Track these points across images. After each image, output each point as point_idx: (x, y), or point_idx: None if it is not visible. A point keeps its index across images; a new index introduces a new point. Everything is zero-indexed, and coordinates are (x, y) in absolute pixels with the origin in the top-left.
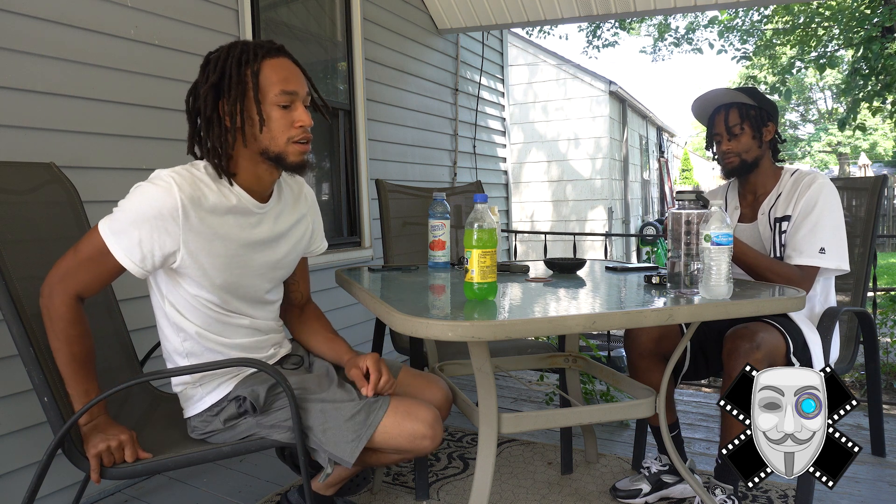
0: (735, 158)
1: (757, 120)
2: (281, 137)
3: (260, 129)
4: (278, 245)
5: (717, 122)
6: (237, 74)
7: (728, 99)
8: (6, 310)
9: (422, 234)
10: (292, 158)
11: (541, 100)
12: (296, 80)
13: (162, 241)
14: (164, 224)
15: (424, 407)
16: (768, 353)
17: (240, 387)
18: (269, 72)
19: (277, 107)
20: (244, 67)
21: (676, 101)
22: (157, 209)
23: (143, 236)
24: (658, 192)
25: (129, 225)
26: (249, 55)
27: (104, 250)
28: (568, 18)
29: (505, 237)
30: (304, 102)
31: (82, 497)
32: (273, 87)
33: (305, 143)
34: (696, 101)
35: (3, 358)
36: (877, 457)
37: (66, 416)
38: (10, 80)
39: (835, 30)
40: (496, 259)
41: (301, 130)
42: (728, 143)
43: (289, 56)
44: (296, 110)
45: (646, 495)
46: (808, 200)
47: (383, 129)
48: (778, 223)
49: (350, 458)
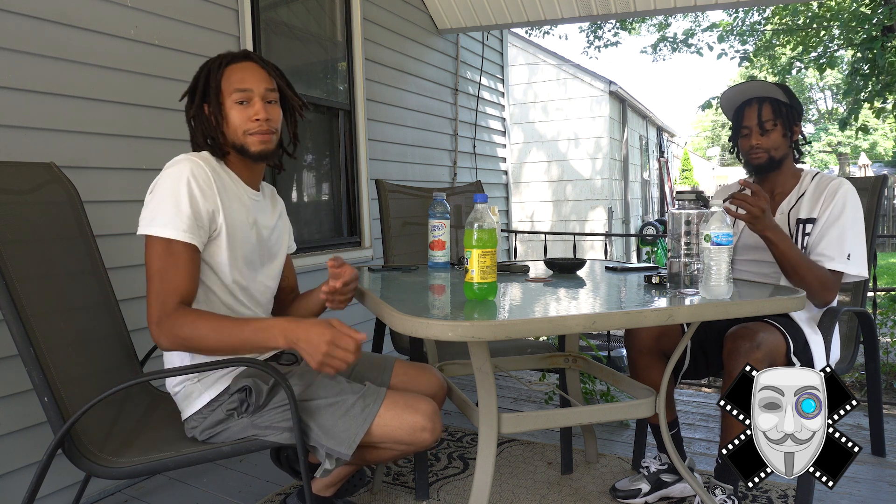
0: (763, 154)
1: (789, 118)
2: (239, 130)
3: (226, 127)
4: (272, 233)
5: (747, 115)
6: (205, 81)
7: (763, 92)
8: (6, 310)
9: (422, 234)
10: (252, 148)
11: (541, 100)
12: (252, 79)
13: (204, 199)
14: (199, 185)
15: (424, 400)
16: (768, 353)
17: (240, 380)
18: (230, 74)
19: (236, 104)
20: (212, 74)
21: (676, 102)
22: (187, 177)
23: (183, 204)
24: (658, 192)
25: (165, 205)
26: (215, 64)
27: (164, 244)
28: (568, 18)
29: (505, 237)
30: (266, 98)
31: (82, 497)
32: (230, 87)
33: (265, 134)
34: (729, 91)
35: (3, 358)
36: (877, 457)
37: (66, 416)
38: (10, 80)
39: (835, 30)
40: (496, 259)
41: (256, 123)
42: (759, 137)
43: (255, 60)
44: (252, 106)
45: (645, 495)
46: (836, 206)
47: (383, 129)
48: (801, 225)
49: (348, 450)
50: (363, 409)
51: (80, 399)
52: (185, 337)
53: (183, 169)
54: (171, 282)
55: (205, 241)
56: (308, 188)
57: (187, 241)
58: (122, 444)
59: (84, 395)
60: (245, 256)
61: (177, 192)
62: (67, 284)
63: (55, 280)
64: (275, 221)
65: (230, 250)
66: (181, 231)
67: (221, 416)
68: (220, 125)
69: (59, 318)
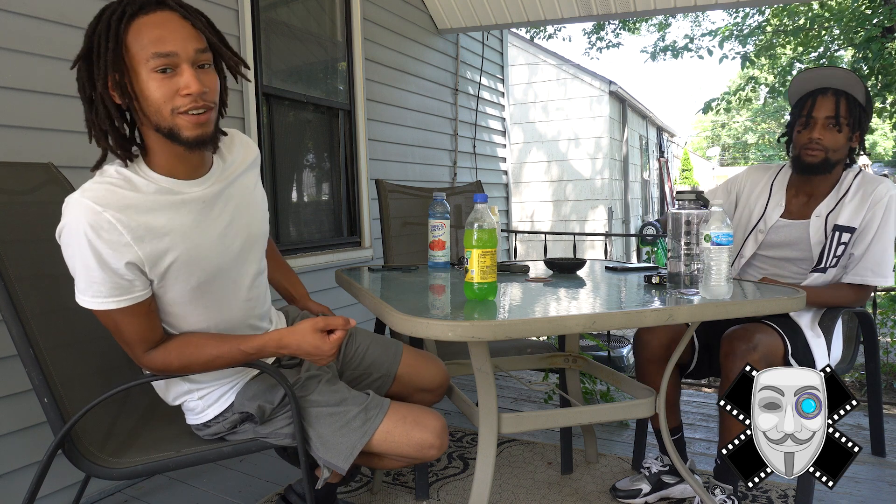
0: (821, 153)
1: (859, 122)
2: (164, 109)
3: (142, 104)
4: (240, 211)
5: (819, 104)
6: (106, 42)
7: (844, 85)
8: (6, 310)
9: (422, 234)
10: (186, 133)
11: (541, 99)
12: (175, 38)
13: (116, 254)
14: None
15: (432, 415)
16: (765, 355)
17: (241, 398)
18: (140, 31)
19: (154, 73)
20: (112, 31)
21: (677, 102)
22: (84, 236)
23: (92, 269)
24: (658, 192)
25: (77, 271)
26: (117, 15)
27: (101, 313)
28: (568, 18)
29: (505, 237)
30: (197, 62)
31: (82, 497)
32: (144, 50)
33: (200, 113)
34: (806, 73)
35: (3, 358)
36: (877, 457)
37: (66, 416)
38: (10, 80)
39: (835, 30)
40: (496, 259)
41: (189, 99)
42: (823, 131)
43: (174, 7)
44: (180, 75)
45: (646, 495)
46: (885, 218)
47: (383, 129)
48: (838, 232)
49: (344, 464)
50: (364, 422)
51: (80, 400)
52: (175, 369)
53: (78, 223)
54: (128, 338)
55: (146, 286)
56: (308, 188)
57: (115, 307)
58: (122, 445)
59: (84, 396)
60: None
61: (81, 254)
62: (67, 284)
63: (54, 280)
64: (245, 189)
65: (185, 282)
66: (103, 299)
67: (223, 430)
68: (134, 104)
69: (58, 319)
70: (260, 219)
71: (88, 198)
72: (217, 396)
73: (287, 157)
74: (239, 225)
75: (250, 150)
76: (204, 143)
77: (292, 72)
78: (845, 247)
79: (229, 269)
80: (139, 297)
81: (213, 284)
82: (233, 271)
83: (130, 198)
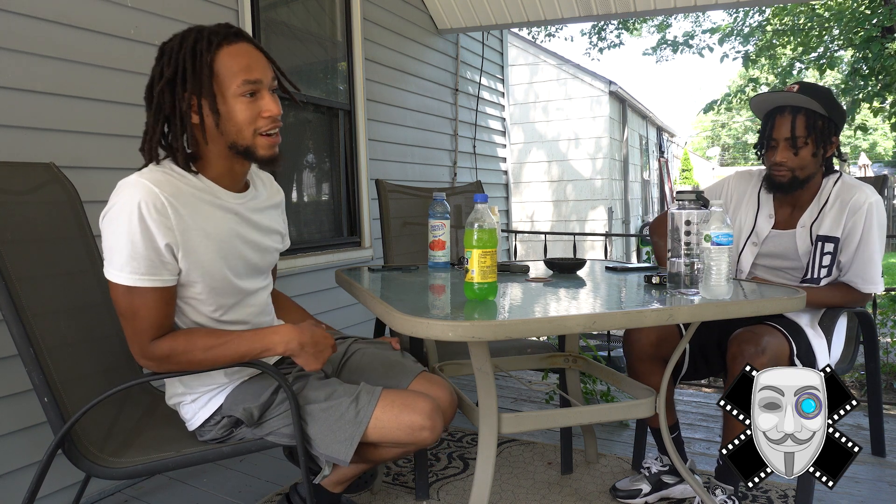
0: (787, 173)
1: (824, 133)
2: (247, 130)
3: (224, 123)
4: (262, 236)
5: (778, 126)
6: (192, 67)
7: (798, 101)
8: (6, 310)
9: (422, 234)
10: (262, 152)
11: (541, 100)
12: (259, 68)
13: (161, 233)
14: (153, 216)
15: (422, 398)
16: (773, 357)
17: (230, 402)
18: (229, 60)
19: (242, 97)
20: (200, 58)
21: (677, 102)
22: (138, 209)
23: (137, 243)
24: (658, 192)
25: (119, 245)
26: (203, 44)
27: (125, 289)
28: (568, 18)
29: (505, 237)
30: (271, 88)
31: (82, 497)
32: (234, 77)
33: (275, 135)
34: (759, 97)
35: (3, 358)
36: (877, 457)
37: (66, 415)
38: (10, 80)
39: (835, 30)
40: (496, 259)
41: (269, 121)
42: (786, 153)
43: (249, 40)
44: (262, 99)
45: (646, 495)
46: (865, 226)
47: (383, 129)
48: (821, 242)
49: (345, 457)
50: (357, 413)
51: (80, 399)
52: (175, 365)
53: (132, 198)
54: (142, 323)
55: (175, 273)
56: (308, 188)
57: (149, 285)
58: (122, 445)
59: (84, 396)
60: (227, 276)
61: (129, 228)
62: (67, 284)
63: (55, 280)
64: (269, 218)
65: (204, 282)
66: (139, 276)
67: (219, 436)
68: (219, 121)
69: (59, 318)
70: (270, 257)
71: (147, 179)
72: (206, 401)
73: (287, 157)
74: (254, 250)
75: (278, 193)
76: (275, 161)
77: (292, 72)
78: (831, 256)
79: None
80: (169, 282)
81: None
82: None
83: (182, 188)
